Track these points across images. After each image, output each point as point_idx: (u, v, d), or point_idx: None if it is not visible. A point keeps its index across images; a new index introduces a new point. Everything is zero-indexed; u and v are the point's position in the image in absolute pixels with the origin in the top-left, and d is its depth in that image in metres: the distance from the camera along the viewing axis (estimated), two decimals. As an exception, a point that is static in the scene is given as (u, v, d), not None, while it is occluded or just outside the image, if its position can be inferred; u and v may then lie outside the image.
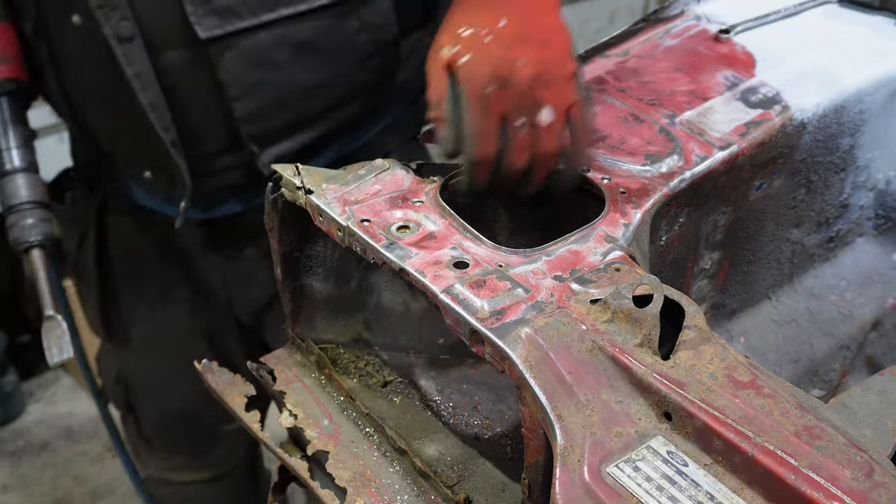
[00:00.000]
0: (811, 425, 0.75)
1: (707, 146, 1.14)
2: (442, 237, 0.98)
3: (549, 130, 1.00)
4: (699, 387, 0.79)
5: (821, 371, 1.39)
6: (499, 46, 0.99)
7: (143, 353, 1.68)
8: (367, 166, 1.09)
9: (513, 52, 0.99)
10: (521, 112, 0.99)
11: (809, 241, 1.37)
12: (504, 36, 0.99)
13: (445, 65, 1.00)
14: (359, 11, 1.37)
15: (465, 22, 1.02)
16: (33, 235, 1.36)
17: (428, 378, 1.20)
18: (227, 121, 1.36)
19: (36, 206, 1.37)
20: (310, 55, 1.35)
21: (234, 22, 1.28)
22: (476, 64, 0.99)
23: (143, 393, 1.73)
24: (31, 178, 1.39)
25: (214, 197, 1.46)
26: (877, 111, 1.32)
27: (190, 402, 1.68)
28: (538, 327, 0.83)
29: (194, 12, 1.27)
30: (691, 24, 1.40)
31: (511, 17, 1.01)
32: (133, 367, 1.71)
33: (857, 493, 0.69)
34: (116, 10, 1.26)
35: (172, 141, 1.35)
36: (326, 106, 1.40)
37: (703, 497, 0.74)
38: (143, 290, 1.63)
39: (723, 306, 1.32)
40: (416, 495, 1.04)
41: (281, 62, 1.33)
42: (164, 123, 1.34)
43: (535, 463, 0.83)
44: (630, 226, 1.00)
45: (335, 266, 1.19)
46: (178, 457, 1.79)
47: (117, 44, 1.27)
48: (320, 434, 1.11)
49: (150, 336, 1.66)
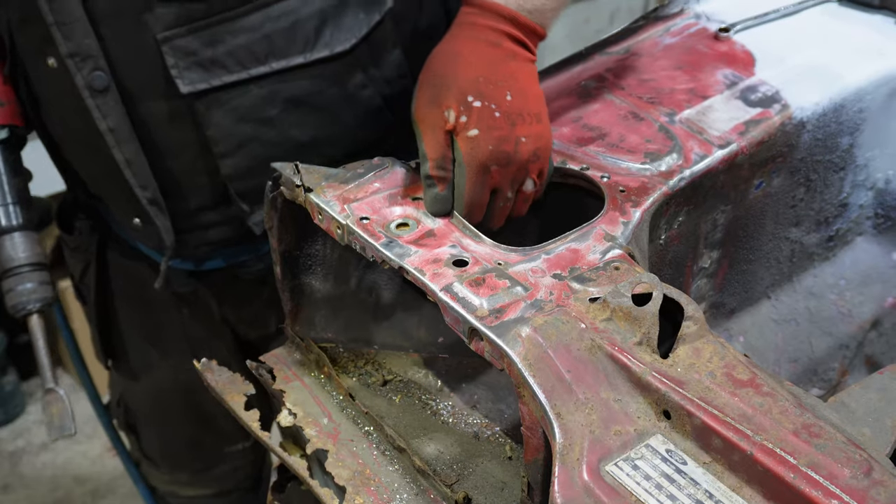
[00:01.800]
0: (810, 424, 0.75)
1: (706, 145, 1.14)
2: (441, 235, 0.98)
3: (527, 198, 1.06)
4: (698, 385, 0.79)
5: (820, 370, 1.39)
6: (506, 124, 1.00)
7: (141, 382, 1.64)
8: (367, 164, 1.09)
9: (517, 130, 1.01)
10: (515, 185, 1.04)
11: (809, 240, 1.37)
12: (510, 113, 1.01)
13: (451, 129, 1.01)
14: (364, 64, 1.27)
15: (471, 89, 1.00)
16: (32, 302, 1.29)
17: (427, 377, 1.20)
18: (213, 176, 1.27)
19: (34, 268, 1.30)
20: (305, 111, 1.26)
21: (220, 76, 1.19)
22: (484, 141, 1.00)
23: (144, 418, 1.70)
24: (28, 238, 1.31)
25: (201, 251, 1.39)
26: (876, 110, 1.32)
27: (190, 427, 1.66)
28: (537, 326, 0.83)
29: (176, 65, 1.17)
30: (691, 23, 1.40)
31: (513, 91, 1.02)
32: (133, 393, 1.68)
33: (856, 492, 0.69)
34: (89, 60, 1.16)
35: (151, 199, 1.27)
36: (326, 163, 1.16)
37: (701, 495, 0.74)
38: (142, 324, 1.58)
39: (722, 305, 1.31)
40: (416, 494, 1.04)
41: (273, 118, 1.24)
42: (142, 180, 1.25)
43: (534, 461, 0.83)
44: (629, 224, 1.00)
45: (335, 264, 1.19)
46: (182, 474, 1.76)
47: (89, 95, 1.18)
48: (319, 433, 1.11)
49: (148, 367, 1.61)
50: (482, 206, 1.03)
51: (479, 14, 1.04)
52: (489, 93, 1.00)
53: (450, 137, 1.01)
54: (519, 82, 1.03)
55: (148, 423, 1.71)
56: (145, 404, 1.68)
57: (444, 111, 1.00)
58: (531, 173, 1.04)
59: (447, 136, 1.01)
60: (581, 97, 1.24)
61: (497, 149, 1.00)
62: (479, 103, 1.00)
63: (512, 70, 1.03)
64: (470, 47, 1.03)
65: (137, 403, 1.69)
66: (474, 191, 1.01)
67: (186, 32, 1.16)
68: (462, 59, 1.02)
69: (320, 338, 1.23)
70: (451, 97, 1.00)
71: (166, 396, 1.63)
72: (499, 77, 1.02)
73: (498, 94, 1.01)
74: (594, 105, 1.21)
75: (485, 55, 1.03)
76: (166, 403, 1.65)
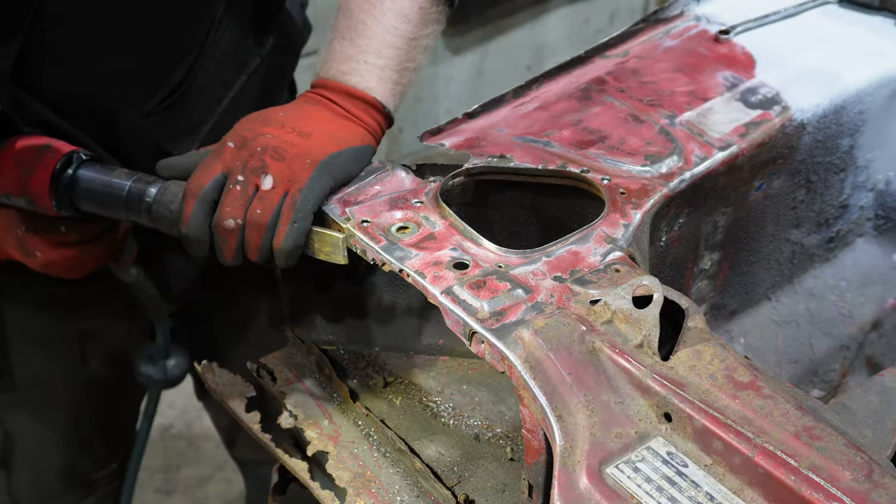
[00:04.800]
0: (811, 426, 0.75)
1: (707, 147, 1.14)
2: (442, 238, 0.98)
3: (262, 197, 1.02)
4: (699, 388, 0.79)
5: (821, 371, 1.39)
6: (259, 123, 1.07)
7: (28, 401, 1.54)
8: (367, 168, 1.09)
9: (266, 128, 1.06)
10: (249, 175, 1.02)
11: (809, 241, 1.37)
12: (270, 119, 1.08)
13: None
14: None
15: (254, 115, 1.10)
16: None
17: (428, 379, 1.20)
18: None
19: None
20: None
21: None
22: (235, 127, 1.08)
23: (20, 446, 1.58)
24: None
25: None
26: (876, 111, 1.32)
27: (68, 452, 1.59)
28: (538, 328, 0.83)
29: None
30: (691, 25, 1.40)
31: (290, 114, 1.10)
32: (15, 415, 1.56)
33: (857, 494, 0.69)
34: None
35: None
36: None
37: (702, 498, 0.74)
38: (36, 338, 1.47)
39: (723, 307, 1.32)
40: (417, 496, 1.04)
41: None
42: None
43: (535, 464, 0.83)
44: (630, 226, 1.00)
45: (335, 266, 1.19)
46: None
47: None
48: (320, 435, 1.11)
49: (35, 379, 1.50)
50: (206, 176, 1.03)
51: (312, 88, 1.16)
52: (267, 111, 1.10)
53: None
54: (304, 111, 1.11)
55: (23, 450, 1.60)
56: (27, 425, 1.57)
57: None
58: (270, 169, 1.02)
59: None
60: (581, 100, 1.24)
61: (237, 132, 1.06)
62: (257, 116, 1.09)
63: (304, 107, 1.12)
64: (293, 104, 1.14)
65: (18, 425, 1.57)
66: (202, 163, 1.05)
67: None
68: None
69: (321, 340, 1.23)
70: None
71: (51, 414, 1.55)
72: (286, 107, 1.12)
73: (272, 111, 1.10)
74: (594, 108, 1.22)
75: (292, 104, 1.14)
76: (50, 422, 1.56)
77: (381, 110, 1.13)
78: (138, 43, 1.21)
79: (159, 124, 1.26)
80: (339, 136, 1.08)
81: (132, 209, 1.07)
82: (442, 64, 3.76)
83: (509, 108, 1.23)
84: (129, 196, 1.07)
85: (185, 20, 1.23)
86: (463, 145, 1.15)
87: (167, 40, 1.23)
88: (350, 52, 1.13)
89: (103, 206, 1.09)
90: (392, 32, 1.14)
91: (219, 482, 2.66)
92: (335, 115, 1.11)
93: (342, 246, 1.03)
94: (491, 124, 1.19)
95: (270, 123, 1.07)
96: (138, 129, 1.25)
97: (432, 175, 1.11)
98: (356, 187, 1.06)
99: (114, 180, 1.08)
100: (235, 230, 1.02)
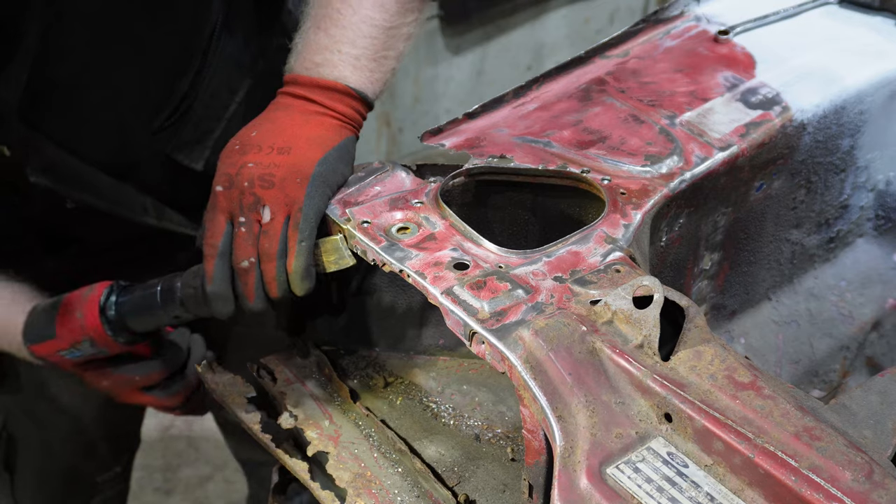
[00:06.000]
0: (811, 426, 0.75)
1: (707, 147, 1.14)
2: (442, 238, 0.98)
3: (266, 230, 1.03)
4: (699, 388, 0.79)
5: (821, 372, 1.39)
6: (237, 153, 1.06)
7: (32, 404, 1.56)
8: (368, 168, 1.09)
9: (245, 157, 1.05)
10: (248, 213, 1.03)
11: (809, 241, 1.37)
12: (247, 144, 1.06)
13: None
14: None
15: (235, 139, 1.10)
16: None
17: (428, 379, 1.20)
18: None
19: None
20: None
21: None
22: (219, 163, 1.07)
23: (24, 447, 1.60)
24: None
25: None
26: (877, 112, 1.32)
27: (71, 454, 1.60)
28: (538, 328, 0.83)
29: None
30: (691, 25, 1.40)
31: (263, 128, 1.08)
32: (16, 417, 1.58)
33: (858, 495, 0.69)
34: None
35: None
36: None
37: (703, 498, 0.74)
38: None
39: (723, 307, 1.32)
40: (417, 496, 1.04)
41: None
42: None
43: (535, 464, 0.83)
44: (630, 227, 1.00)
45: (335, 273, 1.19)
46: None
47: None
48: (320, 435, 1.11)
49: (41, 383, 1.52)
50: (215, 231, 1.04)
51: (284, 86, 1.14)
52: (241, 133, 1.09)
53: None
54: (275, 123, 1.09)
55: (27, 454, 1.61)
56: (30, 430, 1.59)
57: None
58: (264, 200, 1.02)
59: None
60: (581, 100, 1.24)
61: (221, 172, 1.05)
62: (234, 143, 1.08)
63: (275, 117, 1.10)
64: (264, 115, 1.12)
65: (22, 429, 1.59)
66: (206, 216, 1.05)
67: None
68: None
69: (321, 340, 1.23)
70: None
71: (55, 418, 1.56)
72: (258, 122, 1.10)
73: (246, 133, 1.08)
74: (595, 108, 1.22)
75: (263, 115, 1.12)
76: (54, 425, 1.57)
77: (355, 97, 1.11)
78: (142, 59, 1.21)
79: (169, 138, 1.27)
80: (319, 139, 1.07)
81: (168, 303, 1.11)
82: (442, 64, 3.76)
83: (509, 108, 1.23)
84: (161, 293, 1.12)
85: (186, 30, 1.23)
86: (463, 145, 1.15)
87: (170, 52, 1.23)
88: (324, 42, 1.12)
89: (148, 314, 1.14)
90: (368, 22, 1.12)
91: (219, 482, 2.66)
92: (308, 115, 1.10)
93: (344, 246, 1.03)
94: (491, 124, 1.19)
95: (248, 150, 1.06)
96: (148, 144, 1.26)
97: (432, 175, 1.11)
98: (356, 188, 1.06)
99: (148, 286, 1.14)
100: (251, 268, 1.03)
